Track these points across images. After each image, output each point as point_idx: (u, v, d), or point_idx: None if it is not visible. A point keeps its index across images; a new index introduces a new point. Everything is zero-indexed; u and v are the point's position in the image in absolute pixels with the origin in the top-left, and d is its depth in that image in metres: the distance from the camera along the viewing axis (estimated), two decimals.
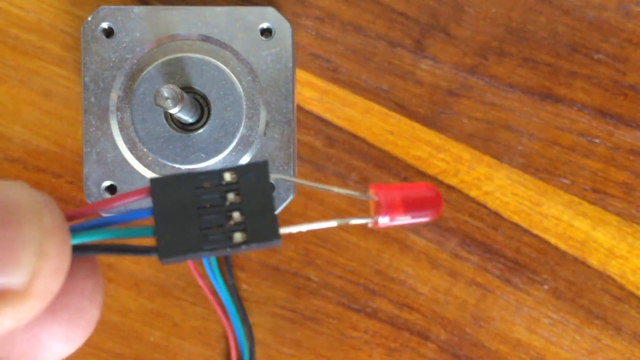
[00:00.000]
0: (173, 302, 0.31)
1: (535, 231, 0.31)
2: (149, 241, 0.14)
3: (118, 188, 0.26)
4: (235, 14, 0.26)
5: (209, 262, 0.31)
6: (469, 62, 0.31)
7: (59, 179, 0.31)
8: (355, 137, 0.31)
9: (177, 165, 0.26)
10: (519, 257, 0.31)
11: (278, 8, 0.29)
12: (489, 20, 0.31)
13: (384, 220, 0.16)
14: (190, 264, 0.30)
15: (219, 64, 0.26)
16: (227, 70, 0.26)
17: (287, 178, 0.14)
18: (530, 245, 0.31)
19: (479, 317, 0.31)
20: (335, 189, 0.16)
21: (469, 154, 0.31)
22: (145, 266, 0.31)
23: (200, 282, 0.30)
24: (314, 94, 0.31)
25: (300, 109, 0.31)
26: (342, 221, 0.16)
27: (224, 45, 0.26)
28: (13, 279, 0.11)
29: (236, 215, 0.14)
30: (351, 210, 0.31)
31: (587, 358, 0.31)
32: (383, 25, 0.31)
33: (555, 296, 0.31)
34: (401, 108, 0.31)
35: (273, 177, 0.14)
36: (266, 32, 0.26)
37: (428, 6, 0.31)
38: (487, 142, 0.31)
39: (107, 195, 0.26)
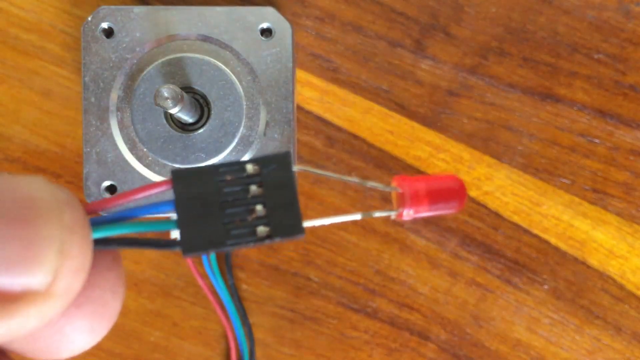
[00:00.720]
0: (173, 302, 0.31)
1: (535, 231, 0.31)
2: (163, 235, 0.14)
3: (118, 188, 0.26)
4: (235, 14, 0.26)
5: (209, 262, 0.31)
6: (469, 62, 0.31)
7: (58, 179, 0.31)
8: (355, 137, 0.31)
9: (177, 165, 0.26)
10: (519, 257, 0.31)
11: (278, 8, 0.29)
12: (489, 20, 0.31)
13: (409, 213, 0.15)
14: (189, 263, 0.30)
15: (219, 64, 0.26)
16: (227, 70, 0.26)
17: (310, 169, 0.14)
18: (530, 245, 0.31)
19: (479, 317, 0.31)
20: (357, 180, 0.16)
21: (469, 154, 0.31)
22: (145, 266, 0.31)
23: (200, 282, 0.30)
24: (314, 94, 0.31)
25: (300, 109, 0.31)
26: (367, 214, 0.15)
27: (224, 45, 0.26)
28: (35, 279, 0.11)
29: (259, 208, 0.13)
30: (351, 210, 0.31)
31: (587, 358, 0.31)
32: (383, 25, 0.31)
33: (555, 296, 0.31)
34: (401, 108, 0.31)
35: (296, 168, 0.14)
36: (266, 32, 0.26)
37: (428, 6, 0.31)
38: (487, 142, 0.31)
39: (107, 195, 0.26)
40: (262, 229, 0.13)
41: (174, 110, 0.22)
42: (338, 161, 0.31)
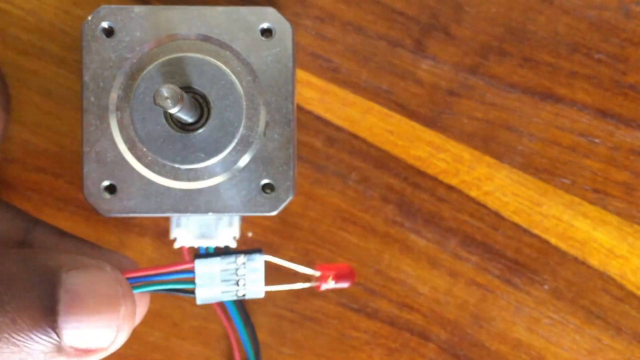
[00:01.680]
0: (173, 302, 0.31)
1: (536, 231, 0.31)
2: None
3: (117, 187, 0.26)
4: (235, 14, 0.26)
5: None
6: (469, 62, 0.31)
7: (58, 179, 0.31)
8: (355, 137, 0.31)
9: (176, 165, 0.26)
10: (519, 257, 0.31)
11: (278, 8, 0.29)
12: (489, 20, 0.31)
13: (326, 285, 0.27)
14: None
15: (219, 64, 0.25)
16: (227, 70, 0.26)
17: (273, 259, 0.25)
18: (530, 245, 0.31)
19: (479, 317, 0.31)
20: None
21: (469, 154, 0.31)
22: (145, 267, 0.31)
23: None
24: (314, 94, 0.31)
25: (300, 109, 0.31)
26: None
27: (224, 45, 0.26)
28: (100, 345, 0.20)
29: (241, 282, 0.24)
30: (351, 211, 0.31)
31: (587, 358, 0.31)
32: (383, 25, 0.31)
33: (556, 296, 0.31)
34: (401, 108, 0.31)
35: (264, 259, 0.25)
36: (266, 33, 0.26)
37: (428, 6, 0.31)
38: (488, 142, 0.31)
39: (107, 195, 0.26)
40: (239, 293, 0.25)
41: (173, 110, 0.22)
42: (338, 161, 0.31)
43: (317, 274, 0.26)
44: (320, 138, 0.31)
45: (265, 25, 0.26)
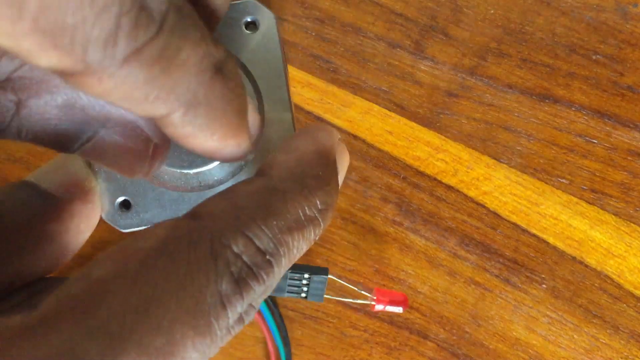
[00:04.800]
0: None
1: (534, 231, 0.31)
2: None
3: (132, 202, 0.26)
4: None
5: None
6: (467, 63, 0.31)
7: None
8: (355, 137, 0.31)
9: (185, 171, 0.26)
10: (518, 257, 0.31)
11: (278, 9, 0.30)
12: (487, 21, 0.31)
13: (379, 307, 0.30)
14: None
15: None
16: None
17: (337, 280, 0.29)
18: (528, 244, 0.31)
19: (477, 316, 0.32)
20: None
21: (467, 154, 0.31)
22: None
23: None
24: (314, 94, 0.31)
25: (300, 109, 0.31)
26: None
27: None
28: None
29: (304, 289, 0.29)
30: (352, 211, 0.31)
31: (585, 357, 0.31)
32: (382, 26, 0.31)
33: (554, 295, 0.31)
34: (400, 109, 0.31)
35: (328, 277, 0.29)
36: (251, 25, 0.26)
37: (427, 7, 0.31)
38: (486, 142, 0.31)
39: (123, 211, 0.26)
40: (302, 295, 0.29)
41: None
42: None
43: (374, 299, 0.30)
44: None
45: (248, 19, 0.26)
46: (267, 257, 0.14)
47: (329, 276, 0.29)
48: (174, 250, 0.13)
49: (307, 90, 0.31)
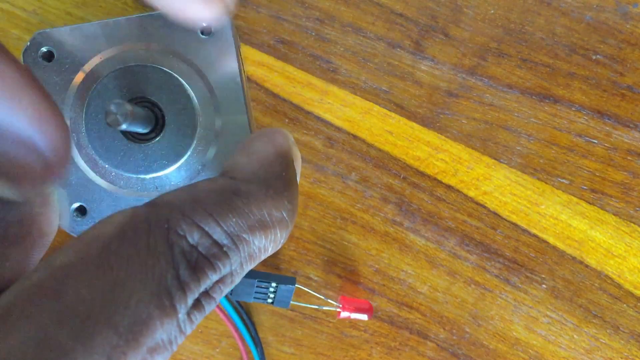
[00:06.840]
0: None
1: (534, 231, 0.31)
2: None
3: (87, 208, 0.26)
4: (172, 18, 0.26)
5: None
6: (467, 63, 0.31)
7: None
8: (355, 137, 0.31)
9: (141, 176, 0.25)
10: (518, 257, 0.31)
11: (277, 10, 0.30)
12: (487, 21, 0.31)
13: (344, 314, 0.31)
14: None
15: (165, 69, 0.25)
16: (175, 74, 0.25)
17: (304, 289, 0.30)
18: (528, 244, 0.31)
19: (477, 316, 0.32)
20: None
21: (467, 154, 0.31)
22: None
23: None
24: (314, 94, 0.31)
25: (300, 109, 0.31)
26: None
27: (167, 50, 0.26)
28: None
29: (272, 296, 0.29)
30: (351, 210, 0.31)
31: (585, 356, 0.31)
32: (382, 26, 0.31)
33: (554, 295, 0.31)
34: (400, 109, 0.31)
35: (295, 287, 0.30)
36: (206, 30, 0.26)
37: (427, 7, 0.31)
38: (486, 142, 0.31)
39: (79, 217, 0.26)
40: (268, 300, 0.29)
41: (123, 127, 0.22)
42: (338, 161, 0.31)
43: (339, 307, 0.31)
44: (320, 138, 0.31)
45: (203, 24, 0.26)
46: (225, 249, 0.14)
47: (296, 285, 0.30)
48: (133, 236, 0.13)
49: (307, 90, 0.31)
